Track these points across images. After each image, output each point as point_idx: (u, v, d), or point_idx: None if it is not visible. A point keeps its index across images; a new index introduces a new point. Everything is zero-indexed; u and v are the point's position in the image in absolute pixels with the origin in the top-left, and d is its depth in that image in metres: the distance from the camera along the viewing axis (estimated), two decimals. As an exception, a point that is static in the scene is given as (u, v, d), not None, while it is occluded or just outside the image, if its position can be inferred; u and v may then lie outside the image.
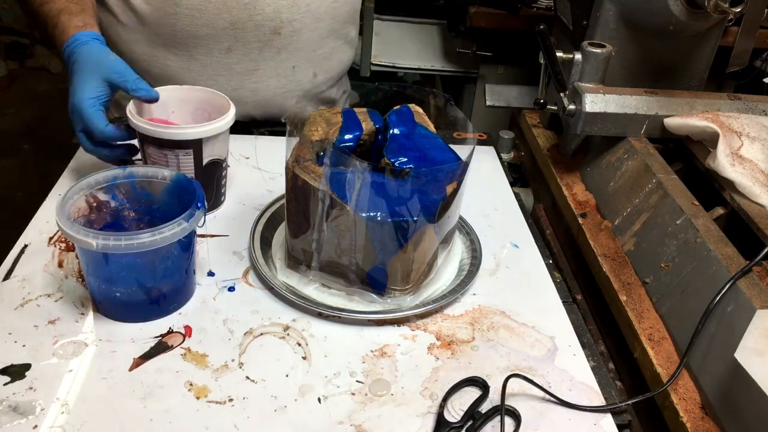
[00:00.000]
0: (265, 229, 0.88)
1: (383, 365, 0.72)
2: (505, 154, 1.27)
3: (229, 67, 1.07)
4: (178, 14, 1.00)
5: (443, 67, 1.77)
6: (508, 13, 1.59)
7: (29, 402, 0.63)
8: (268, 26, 1.05)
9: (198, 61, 1.05)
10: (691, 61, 1.13)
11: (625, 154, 1.01)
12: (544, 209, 1.17)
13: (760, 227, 0.82)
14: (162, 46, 1.05)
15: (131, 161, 0.91)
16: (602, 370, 0.75)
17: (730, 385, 0.66)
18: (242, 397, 0.66)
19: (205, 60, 1.05)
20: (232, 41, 1.04)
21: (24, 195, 2.69)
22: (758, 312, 0.67)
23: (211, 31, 1.02)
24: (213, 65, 1.06)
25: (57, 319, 0.73)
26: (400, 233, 0.72)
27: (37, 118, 3.35)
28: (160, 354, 0.70)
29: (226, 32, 1.03)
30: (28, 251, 0.82)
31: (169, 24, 1.02)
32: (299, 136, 0.78)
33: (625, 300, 0.84)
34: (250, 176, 1.02)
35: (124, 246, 0.67)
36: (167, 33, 1.03)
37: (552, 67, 1.00)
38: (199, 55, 1.05)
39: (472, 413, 0.66)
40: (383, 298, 0.77)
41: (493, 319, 0.79)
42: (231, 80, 1.08)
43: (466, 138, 0.84)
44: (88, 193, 0.76)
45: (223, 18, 1.02)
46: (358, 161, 0.70)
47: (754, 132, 0.95)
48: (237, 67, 1.07)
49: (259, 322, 0.75)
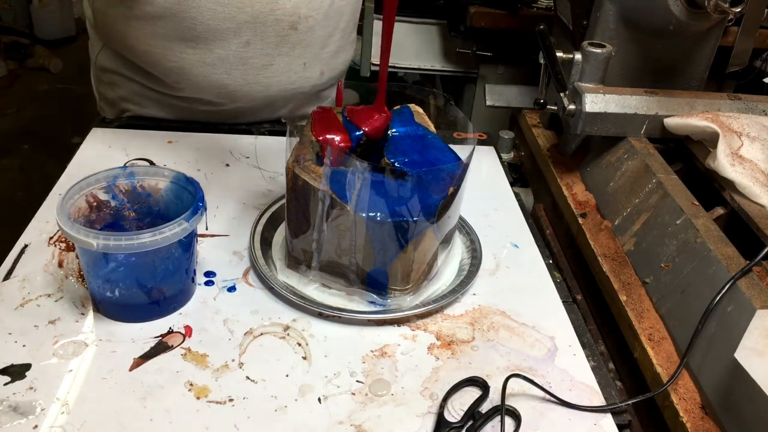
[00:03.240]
0: (265, 229, 0.88)
1: (383, 365, 0.72)
2: (505, 154, 1.27)
3: (245, 61, 1.07)
4: (201, 7, 1.00)
5: (443, 67, 1.77)
6: (508, 13, 1.59)
7: (29, 402, 0.63)
8: (286, 21, 1.05)
9: (215, 54, 1.05)
10: (691, 61, 1.13)
11: (625, 154, 1.01)
12: (544, 209, 1.17)
13: (760, 227, 0.82)
14: (179, 40, 1.03)
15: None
16: (602, 370, 0.75)
17: (730, 385, 0.66)
18: (242, 397, 0.66)
19: (222, 53, 1.05)
20: (251, 35, 1.04)
21: (24, 195, 2.70)
22: (758, 312, 0.67)
23: (232, 24, 1.02)
24: (230, 59, 1.06)
25: (57, 319, 0.73)
26: (400, 233, 0.72)
27: (37, 118, 3.35)
28: (160, 354, 0.70)
29: (246, 26, 1.03)
30: (28, 251, 0.82)
31: (190, 17, 1.00)
32: (299, 136, 0.78)
33: (625, 300, 0.84)
34: (250, 176, 1.02)
35: (125, 246, 0.67)
36: (186, 26, 1.02)
37: (552, 67, 1.00)
38: (217, 48, 1.04)
39: (472, 413, 0.66)
40: (383, 298, 0.77)
41: (493, 319, 0.79)
42: (246, 74, 1.08)
43: (466, 138, 0.84)
44: (88, 193, 0.76)
45: (245, 11, 1.01)
46: (358, 161, 0.70)
47: (754, 132, 0.95)
48: (253, 61, 1.07)
49: (259, 322, 0.75)
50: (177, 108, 1.14)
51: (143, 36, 1.04)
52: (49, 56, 3.79)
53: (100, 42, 1.13)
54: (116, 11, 1.04)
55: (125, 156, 1.02)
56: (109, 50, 1.12)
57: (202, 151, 1.07)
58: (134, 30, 1.04)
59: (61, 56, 3.85)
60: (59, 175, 0.97)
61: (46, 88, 3.64)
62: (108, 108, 1.19)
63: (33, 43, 3.91)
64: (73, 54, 4.00)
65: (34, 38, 3.98)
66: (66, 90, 3.64)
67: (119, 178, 0.78)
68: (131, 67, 1.11)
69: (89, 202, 0.77)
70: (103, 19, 1.08)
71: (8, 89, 3.57)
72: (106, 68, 1.15)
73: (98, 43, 1.14)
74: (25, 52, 3.83)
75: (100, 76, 1.17)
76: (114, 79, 1.15)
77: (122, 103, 1.16)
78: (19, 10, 4.01)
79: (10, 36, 3.85)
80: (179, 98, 1.12)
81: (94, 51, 1.16)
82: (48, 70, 3.76)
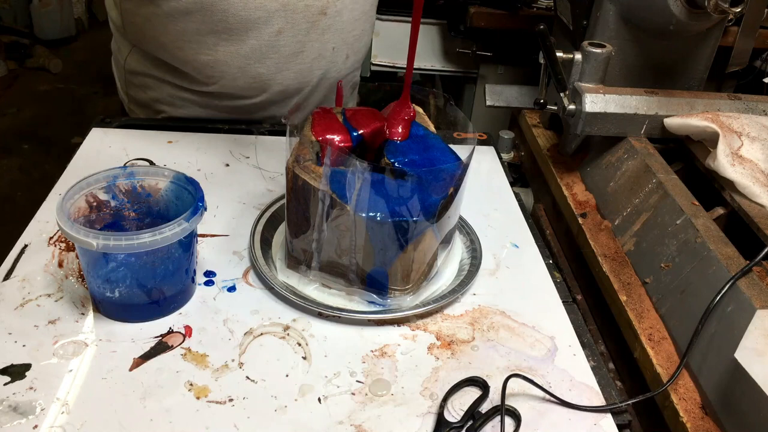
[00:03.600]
0: (265, 229, 0.88)
1: (383, 365, 0.72)
2: (505, 154, 1.27)
3: (277, 50, 1.07)
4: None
5: (443, 67, 1.77)
6: (508, 13, 1.59)
7: (29, 402, 0.63)
8: (316, 6, 1.05)
9: (247, 44, 1.05)
10: (691, 61, 1.13)
11: (625, 154, 1.01)
12: (544, 209, 1.17)
13: (760, 227, 0.82)
14: (211, 33, 1.03)
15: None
16: (602, 370, 0.74)
17: (730, 385, 0.66)
18: (242, 397, 0.66)
19: (254, 43, 1.05)
20: (282, 23, 1.04)
21: (24, 195, 2.70)
22: (758, 312, 0.67)
23: (264, 13, 1.02)
24: (262, 48, 1.06)
25: (57, 319, 0.73)
26: (400, 233, 0.72)
27: (37, 118, 3.35)
28: (160, 354, 0.70)
29: (277, 14, 1.03)
30: (28, 251, 0.82)
31: (221, 10, 1.00)
32: (299, 136, 0.78)
33: (625, 300, 0.84)
34: (250, 176, 1.02)
35: (125, 246, 0.67)
36: (218, 19, 1.01)
37: (552, 67, 1.00)
38: (250, 39, 1.04)
39: (472, 413, 0.66)
40: (383, 298, 0.77)
41: (493, 319, 0.79)
42: (278, 62, 1.09)
43: (466, 138, 0.85)
44: (88, 192, 0.76)
45: (276, 0, 1.02)
46: (358, 161, 0.70)
47: (754, 132, 0.95)
48: (284, 49, 1.07)
49: (259, 322, 0.75)
50: (210, 106, 1.14)
51: (175, 32, 1.04)
52: (49, 56, 3.79)
53: (129, 45, 1.13)
54: (146, 10, 1.03)
55: (125, 156, 1.02)
56: (139, 52, 1.12)
57: (202, 151, 1.07)
58: (165, 27, 1.04)
59: (61, 56, 3.86)
60: (59, 175, 0.97)
61: (46, 88, 3.64)
62: (139, 110, 1.20)
63: (33, 43, 3.91)
64: (73, 54, 4.00)
65: (34, 38, 3.99)
66: (66, 90, 3.65)
67: (119, 178, 0.78)
68: (162, 68, 1.11)
69: (89, 202, 0.77)
70: (132, 21, 1.08)
71: (8, 89, 3.57)
72: (136, 71, 1.15)
73: (126, 46, 1.14)
74: (25, 52, 3.83)
75: (130, 79, 1.17)
76: (145, 81, 1.15)
77: (156, 105, 1.16)
78: (19, 10, 4.02)
79: (10, 36, 3.85)
80: (211, 95, 1.12)
81: (122, 54, 1.15)
82: (48, 70, 3.77)
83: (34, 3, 3.98)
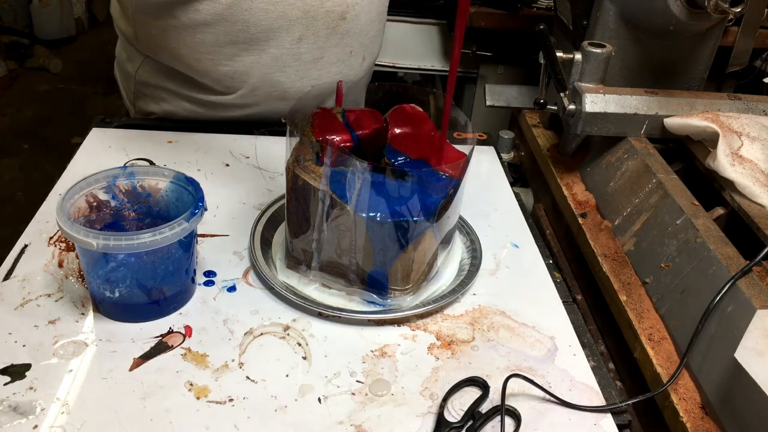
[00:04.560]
0: (265, 229, 0.88)
1: (383, 365, 0.72)
2: (505, 154, 1.27)
3: (298, 57, 1.06)
4: (253, 9, 0.99)
5: (443, 67, 1.77)
6: (508, 13, 1.59)
7: (29, 402, 0.63)
8: (336, 12, 1.05)
9: (268, 53, 1.04)
10: (691, 61, 1.13)
11: (625, 154, 1.01)
12: (544, 209, 1.17)
13: (760, 227, 0.82)
14: (230, 44, 1.02)
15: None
16: (602, 370, 0.75)
17: (730, 385, 0.66)
18: (242, 397, 0.66)
19: (275, 52, 1.04)
20: (303, 30, 1.04)
21: (24, 195, 2.70)
22: (758, 312, 0.67)
23: (284, 22, 1.01)
24: (283, 56, 1.05)
25: (57, 319, 0.73)
26: (400, 233, 0.72)
27: (37, 118, 3.35)
28: (160, 354, 0.70)
29: (298, 22, 1.02)
30: (28, 251, 0.82)
31: (242, 20, 0.99)
32: (299, 136, 0.78)
33: (625, 300, 0.84)
34: (250, 176, 1.02)
35: (125, 246, 0.67)
36: (239, 29, 1.00)
37: (552, 67, 1.00)
38: (270, 48, 1.04)
39: (472, 413, 0.66)
40: (383, 298, 0.77)
41: (493, 319, 0.79)
42: (299, 70, 1.08)
43: (466, 138, 0.84)
44: (88, 192, 0.76)
45: (296, 7, 1.01)
46: (358, 161, 0.70)
47: (754, 132, 0.95)
48: (305, 56, 1.07)
49: (260, 322, 0.75)
50: (225, 118, 1.13)
51: (193, 44, 1.02)
52: (49, 56, 3.79)
53: (141, 56, 1.11)
54: (162, 23, 1.01)
55: (125, 156, 1.02)
56: (152, 63, 1.11)
57: (202, 151, 1.07)
58: (183, 39, 1.02)
59: (61, 56, 3.85)
60: (59, 175, 0.97)
61: (46, 88, 3.64)
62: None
63: (33, 43, 3.91)
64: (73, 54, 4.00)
65: (34, 38, 3.98)
66: (66, 90, 3.65)
67: (119, 178, 0.78)
68: (178, 80, 1.10)
69: (89, 202, 0.77)
70: (146, 32, 1.06)
71: (8, 89, 3.57)
72: (149, 83, 1.13)
73: (138, 57, 1.12)
74: (25, 52, 3.83)
75: (140, 90, 1.16)
76: (158, 93, 1.13)
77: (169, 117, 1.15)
78: (19, 10, 4.02)
79: (10, 36, 3.85)
80: (227, 107, 1.11)
81: (133, 65, 1.14)
82: (48, 70, 3.76)
83: (34, 3, 3.98)
